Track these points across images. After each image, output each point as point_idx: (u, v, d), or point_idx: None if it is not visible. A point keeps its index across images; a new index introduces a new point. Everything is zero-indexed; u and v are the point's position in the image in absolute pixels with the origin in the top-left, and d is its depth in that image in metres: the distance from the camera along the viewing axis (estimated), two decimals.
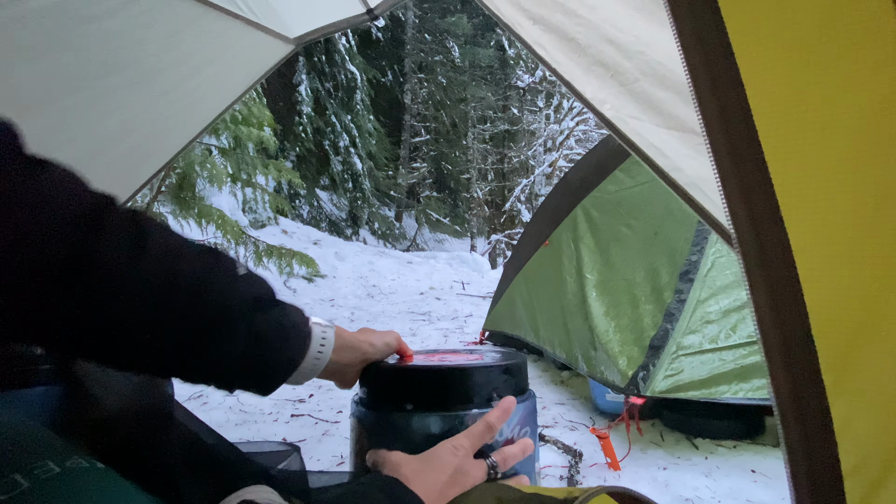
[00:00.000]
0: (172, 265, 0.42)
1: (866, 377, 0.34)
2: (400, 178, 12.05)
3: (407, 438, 0.53)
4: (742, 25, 0.35)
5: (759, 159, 0.35)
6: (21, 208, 0.35)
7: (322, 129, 9.05)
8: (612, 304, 2.02)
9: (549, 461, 1.61)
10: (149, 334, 0.41)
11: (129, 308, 0.40)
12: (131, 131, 1.58)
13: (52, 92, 1.27)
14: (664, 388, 1.62)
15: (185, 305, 0.42)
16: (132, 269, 0.39)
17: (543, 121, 11.71)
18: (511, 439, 0.57)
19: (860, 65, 0.32)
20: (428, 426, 0.54)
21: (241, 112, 4.34)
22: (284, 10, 1.56)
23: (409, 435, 0.54)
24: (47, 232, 0.36)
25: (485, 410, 0.55)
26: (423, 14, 12.07)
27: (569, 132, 10.23)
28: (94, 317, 0.39)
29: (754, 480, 1.45)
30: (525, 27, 0.99)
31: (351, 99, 9.36)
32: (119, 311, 0.39)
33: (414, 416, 0.54)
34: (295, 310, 0.53)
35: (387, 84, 12.06)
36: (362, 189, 9.73)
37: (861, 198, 0.33)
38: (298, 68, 8.60)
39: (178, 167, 3.96)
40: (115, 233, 0.39)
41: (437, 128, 12.76)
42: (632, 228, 2.15)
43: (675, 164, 0.77)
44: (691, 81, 0.38)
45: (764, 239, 0.36)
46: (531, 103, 12.47)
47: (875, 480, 0.33)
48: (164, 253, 0.42)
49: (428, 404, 0.55)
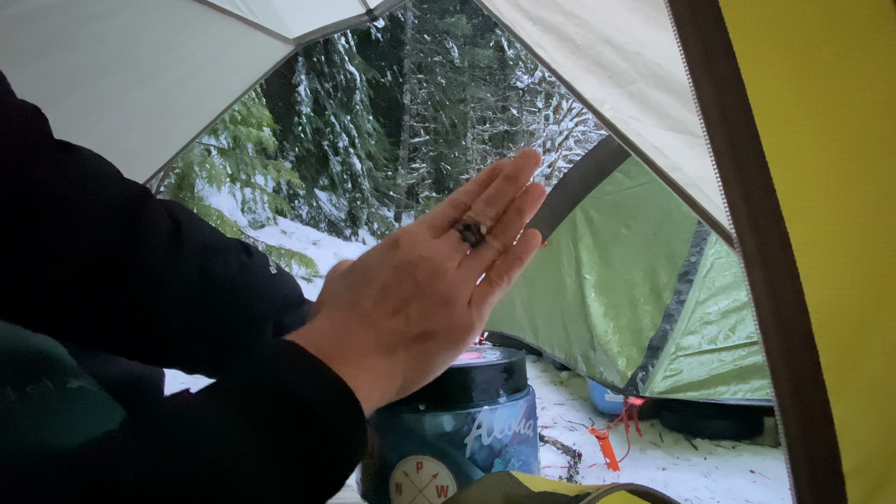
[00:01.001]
0: (208, 263, 0.41)
1: (868, 376, 0.34)
2: (399, 179, 12.04)
3: (420, 438, 0.53)
4: (743, 25, 0.35)
5: (760, 159, 0.35)
6: (58, 197, 0.33)
7: (321, 130, 9.05)
8: (612, 305, 2.02)
9: (548, 461, 1.61)
10: (184, 332, 0.40)
11: (166, 306, 0.38)
12: (130, 131, 1.57)
13: (51, 92, 1.26)
14: (663, 389, 1.62)
15: (221, 304, 0.41)
16: (170, 265, 0.38)
17: (542, 121, 11.71)
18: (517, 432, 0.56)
19: (861, 64, 0.32)
20: (441, 425, 0.54)
21: (241, 112, 4.34)
22: (284, 10, 1.56)
23: (422, 434, 0.54)
24: (88, 222, 0.35)
25: (494, 406, 0.55)
26: (422, 15, 12.08)
27: (568, 133, 10.24)
28: (133, 313, 0.37)
29: (753, 481, 1.45)
30: (524, 28, 0.99)
31: (350, 99, 9.36)
32: (157, 308, 0.38)
33: (426, 415, 0.54)
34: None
35: (386, 84, 12.06)
36: (361, 189, 9.72)
37: (862, 197, 0.33)
38: (298, 69, 8.59)
39: (177, 167, 3.95)
40: (153, 226, 0.38)
41: (437, 128, 12.76)
42: (631, 229, 2.16)
43: (676, 165, 0.77)
44: (692, 81, 0.38)
45: (765, 239, 0.36)
46: (530, 104, 12.47)
47: (877, 481, 0.33)
48: (200, 249, 0.41)
49: (440, 403, 0.55)
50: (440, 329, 0.30)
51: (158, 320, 0.38)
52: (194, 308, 0.40)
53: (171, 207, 0.41)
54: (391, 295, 0.30)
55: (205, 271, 0.40)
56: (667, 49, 0.72)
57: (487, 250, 0.33)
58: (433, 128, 12.79)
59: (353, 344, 0.28)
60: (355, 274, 0.32)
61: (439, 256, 0.31)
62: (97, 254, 0.35)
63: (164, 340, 0.40)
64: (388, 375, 0.29)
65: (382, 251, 0.32)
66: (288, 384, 0.25)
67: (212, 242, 0.42)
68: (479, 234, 0.33)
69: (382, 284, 0.30)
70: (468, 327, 0.31)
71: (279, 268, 0.48)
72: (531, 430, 0.58)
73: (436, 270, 0.30)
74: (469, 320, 0.31)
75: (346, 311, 0.30)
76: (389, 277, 0.30)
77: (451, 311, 0.31)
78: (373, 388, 0.28)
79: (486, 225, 0.34)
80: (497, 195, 0.34)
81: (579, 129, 10.31)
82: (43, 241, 0.33)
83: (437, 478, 0.53)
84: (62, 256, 0.34)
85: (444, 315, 0.30)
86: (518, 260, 0.34)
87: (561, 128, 10.38)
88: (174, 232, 0.39)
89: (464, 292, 0.31)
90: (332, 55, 9.07)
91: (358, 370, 0.27)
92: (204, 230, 0.42)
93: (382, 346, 0.29)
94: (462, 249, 0.33)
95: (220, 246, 0.43)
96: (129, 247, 0.36)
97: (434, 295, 0.30)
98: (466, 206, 0.34)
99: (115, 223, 0.36)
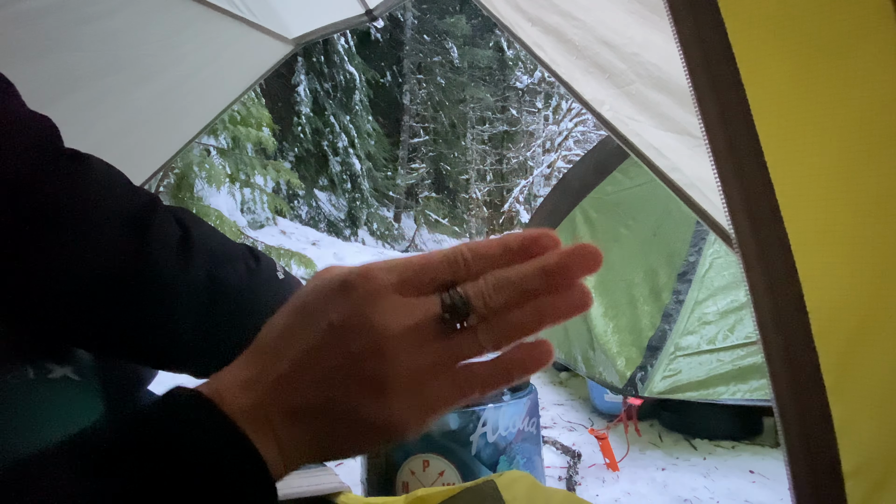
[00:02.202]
0: (216, 270, 0.41)
1: (867, 377, 0.34)
2: (398, 179, 12.04)
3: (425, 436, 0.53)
4: (742, 26, 0.35)
5: (759, 160, 0.35)
6: (71, 210, 0.34)
7: (321, 130, 9.04)
8: (611, 305, 2.03)
9: (547, 462, 1.61)
10: (193, 338, 0.40)
11: (175, 313, 0.39)
12: (129, 131, 1.57)
13: (51, 92, 1.26)
14: (662, 389, 1.62)
15: (229, 311, 0.42)
16: (179, 273, 0.39)
17: (542, 122, 11.72)
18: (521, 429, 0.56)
19: (860, 65, 0.32)
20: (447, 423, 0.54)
21: (240, 112, 4.34)
22: (283, 10, 1.56)
23: (428, 433, 0.54)
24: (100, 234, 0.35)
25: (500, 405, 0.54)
26: (421, 15, 12.07)
27: (567, 133, 10.24)
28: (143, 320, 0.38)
29: (753, 481, 1.45)
30: (524, 28, 0.99)
31: (350, 99, 9.35)
32: (167, 315, 0.39)
33: None
34: None
35: (385, 85, 12.06)
36: (361, 190, 9.72)
37: (861, 197, 0.33)
38: (297, 69, 8.59)
39: (176, 167, 3.95)
40: (163, 235, 0.39)
41: (436, 128, 12.76)
42: (630, 229, 2.16)
43: (674, 165, 0.77)
44: (691, 82, 0.38)
45: (764, 239, 0.36)
46: (530, 104, 12.48)
47: (876, 481, 0.33)
48: (209, 256, 0.41)
49: None
50: (357, 415, 0.23)
51: (168, 327, 0.39)
52: (203, 315, 0.40)
53: (180, 214, 0.42)
54: (319, 361, 0.24)
55: (213, 278, 0.41)
56: (663, 50, 0.72)
57: (470, 347, 0.24)
58: (433, 128, 12.79)
59: (256, 403, 0.24)
60: (295, 318, 0.25)
61: (391, 329, 0.23)
62: (109, 264, 0.35)
63: (173, 346, 0.40)
64: (287, 443, 0.24)
65: (331, 293, 0.24)
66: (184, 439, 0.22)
67: (220, 249, 0.43)
68: (461, 322, 0.24)
69: (312, 345, 0.24)
70: (395, 426, 0.24)
71: (287, 272, 0.48)
72: (534, 427, 0.58)
73: (377, 346, 0.23)
74: (400, 416, 0.23)
75: (265, 364, 0.25)
76: (323, 337, 0.23)
77: (379, 400, 0.23)
78: (270, 451, 0.24)
79: (482, 314, 0.24)
80: (518, 285, 0.24)
81: (579, 130, 10.32)
82: (57, 254, 0.34)
83: (444, 475, 0.53)
84: (76, 268, 0.34)
85: (369, 402, 0.23)
86: (505, 375, 0.25)
87: (560, 128, 10.38)
88: (183, 240, 0.40)
89: (406, 382, 0.23)
90: (331, 55, 9.07)
91: (257, 428, 0.23)
92: (212, 237, 0.43)
93: (287, 413, 0.24)
94: (432, 330, 0.24)
95: (229, 253, 0.43)
96: (139, 257, 0.37)
97: (364, 374, 0.23)
98: (469, 271, 0.25)
99: (125, 234, 0.36)
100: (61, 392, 0.36)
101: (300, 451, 0.24)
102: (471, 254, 0.25)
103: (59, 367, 0.37)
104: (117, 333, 0.38)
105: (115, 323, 0.37)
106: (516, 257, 0.25)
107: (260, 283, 0.44)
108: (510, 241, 0.25)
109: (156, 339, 0.39)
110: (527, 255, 0.25)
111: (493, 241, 0.25)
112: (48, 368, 0.36)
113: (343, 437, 0.24)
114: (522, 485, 0.47)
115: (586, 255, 0.24)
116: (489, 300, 0.24)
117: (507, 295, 0.24)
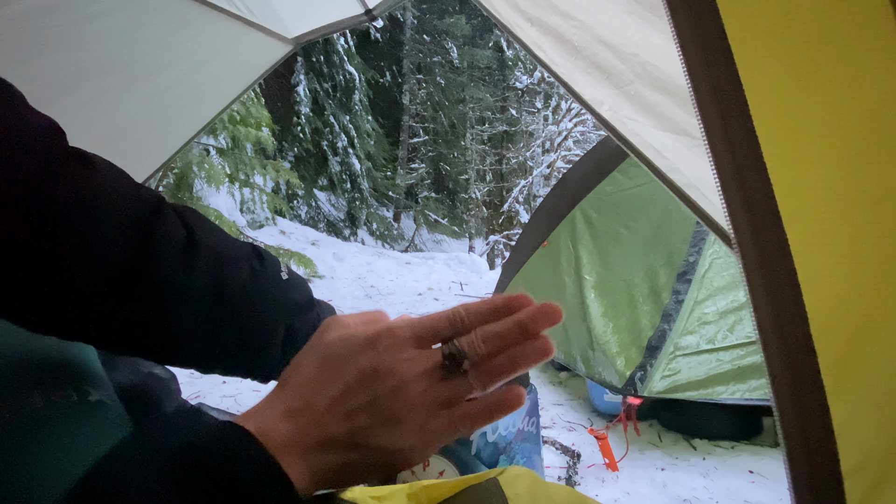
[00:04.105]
0: (221, 270, 0.42)
1: (866, 377, 0.34)
2: (398, 179, 12.04)
3: None
4: (741, 26, 0.35)
5: (759, 160, 0.35)
6: (79, 212, 0.35)
7: (320, 130, 9.04)
8: (611, 305, 2.03)
9: (547, 462, 1.61)
10: (198, 336, 0.41)
11: (181, 312, 0.40)
12: (129, 131, 1.57)
13: (50, 91, 1.26)
14: (662, 389, 1.62)
15: (233, 310, 0.43)
16: (184, 274, 0.40)
17: (541, 122, 11.72)
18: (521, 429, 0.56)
19: (859, 65, 0.32)
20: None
21: (240, 112, 4.34)
22: (283, 10, 1.56)
23: None
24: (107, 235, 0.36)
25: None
26: (421, 15, 12.08)
27: (567, 133, 10.24)
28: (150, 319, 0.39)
29: (752, 481, 1.46)
30: (523, 29, 0.99)
31: (349, 99, 9.35)
32: (172, 314, 0.39)
33: None
34: (328, 308, 0.53)
35: (385, 85, 12.06)
36: (360, 190, 9.72)
37: (860, 198, 0.33)
38: (297, 68, 8.59)
39: (175, 167, 3.95)
40: (168, 235, 0.39)
41: (436, 128, 12.76)
42: (630, 229, 2.16)
43: (674, 165, 0.77)
44: (690, 83, 0.38)
45: (763, 240, 0.36)
46: (529, 104, 12.48)
47: (875, 481, 0.33)
48: (213, 257, 0.42)
49: None
50: (376, 445, 0.29)
51: (174, 325, 0.40)
52: (208, 314, 0.41)
53: (185, 215, 0.42)
54: (348, 400, 0.29)
55: (217, 279, 0.41)
56: (662, 50, 0.72)
57: (463, 387, 0.31)
58: (432, 128, 12.79)
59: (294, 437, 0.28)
60: (325, 364, 0.30)
61: (409, 374, 0.30)
62: (116, 264, 0.36)
63: (179, 344, 0.41)
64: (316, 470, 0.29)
65: (359, 345, 0.30)
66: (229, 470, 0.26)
67: (224, 250, 0.43)
68: (458, 367, 0.31)
69: (344, 388, 0.29)
70: (405, 455, 0.29)
71: (290, 272, 0.49)
72: (534, 427, 0.58)
73: (398, 388, 0.29)
74: (410, 446, 0.29)
75: (299, 406, 0.29)
76: (353, 381, 0.29)
77: (394, 433, 0.29)
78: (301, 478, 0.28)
79: (473, 360, 0.31)
80: (499, 336, 0.31)
81: (578, 130, 10.32)
82: (66, 256, 0.34)
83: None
84: (84, 269, 0.35)
85: (386, 434, 0.29)
86: (488, 413, 0.31)
87: (560, 128, 10.38)
88: (188, 241, 0.40)
89: (416, 417, 0.29)
90: (331, 55, 9.07)
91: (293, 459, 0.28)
92: (217, 237, 0.44)
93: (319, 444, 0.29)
94: (436, 375, 0.30)
95: (233, 253, 0.44)
96: (145, 257, 0.37)
97: (385, 412, 0.29)
98: (464, 327, 0.32)
99: (132, 234, 0.37)
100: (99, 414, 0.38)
101: (326, 476, 0.29)
102: (466, 313, 0.32)
103: (95, 392, 0.39)
104: (123, 332, 0.38)
105: (121, 321, 0.38)
106: (500, 314, 0.32)
107: (263, 283, 0.45)
108: (496, 302, 0.33)
109: (161, 337, 0.40)
110: (508, 312, 0.32)
111: (483, 301, 0.33)
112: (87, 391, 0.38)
113: (362, 464, 0.29)
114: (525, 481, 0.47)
115: (549, 312, 0.32)
116: (479, 349, 0.31)
117: (492, 345, 0.31)
